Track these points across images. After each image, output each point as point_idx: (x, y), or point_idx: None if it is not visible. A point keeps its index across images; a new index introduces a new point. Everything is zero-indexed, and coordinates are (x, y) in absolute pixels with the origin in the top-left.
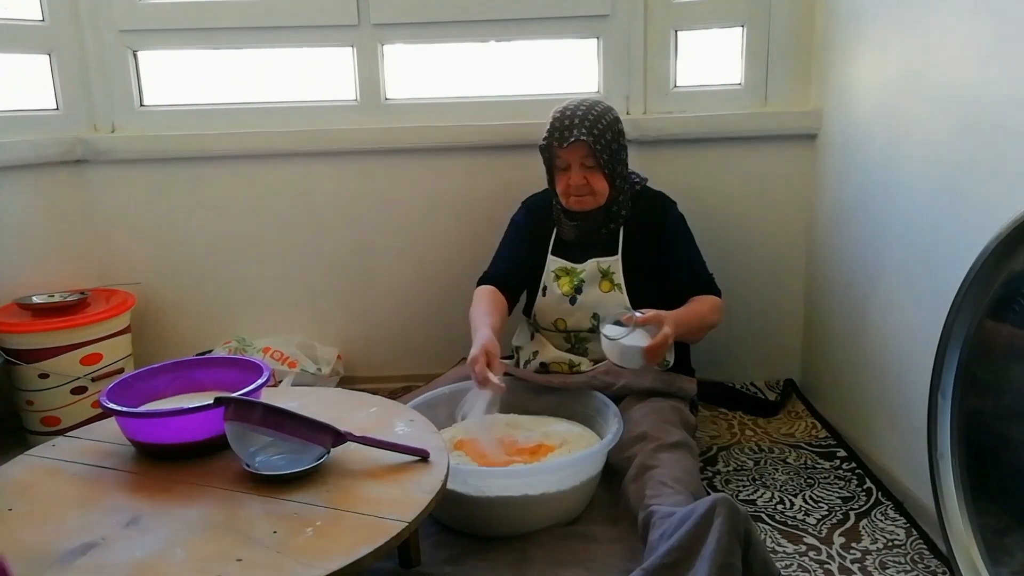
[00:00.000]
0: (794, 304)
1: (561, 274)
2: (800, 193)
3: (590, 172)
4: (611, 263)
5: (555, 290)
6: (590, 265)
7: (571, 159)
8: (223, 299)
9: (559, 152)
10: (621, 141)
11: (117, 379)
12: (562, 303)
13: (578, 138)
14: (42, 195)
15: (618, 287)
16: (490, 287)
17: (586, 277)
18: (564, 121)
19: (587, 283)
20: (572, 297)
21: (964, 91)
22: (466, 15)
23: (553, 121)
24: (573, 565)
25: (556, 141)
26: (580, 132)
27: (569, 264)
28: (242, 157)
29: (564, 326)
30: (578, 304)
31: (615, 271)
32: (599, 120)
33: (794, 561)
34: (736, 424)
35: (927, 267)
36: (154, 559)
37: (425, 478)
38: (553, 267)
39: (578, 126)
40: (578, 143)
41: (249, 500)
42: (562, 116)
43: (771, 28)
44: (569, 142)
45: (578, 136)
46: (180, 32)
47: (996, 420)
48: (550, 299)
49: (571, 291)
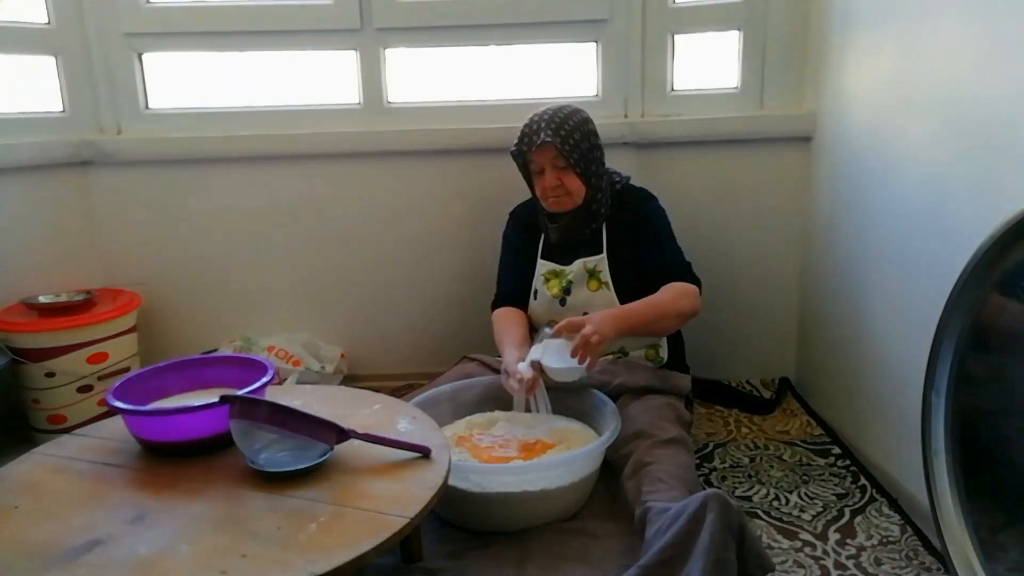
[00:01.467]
0: (789, 303)
1: (550, 276)
2: (795, 194)
3: (563, 173)
4: (597, 262)
5: (545, 293)
6: (577, 266)
7: (542, 161)
8: (228, 299)
9: (530, 156)
10: (593, 140)
11: (123, 378)
12: (552, 305)
13: (544, 140)
14: (48, 196)
15: (605, 285)
16: (506, 308)
17: (574, 278)
18: (532, 126)
19: (575, 284)
20: (562, 298)
21: (957, 94)
22: (467, 20)
23: (523, 128)
24: (572, 560)
25: (525, 146)
26: (546, 134)
27: (557, 267)
28: (246, 159)
29: None
30: (568, 305)
31: (601, 269)
32: (565, 122)
33: (789, 557)
34: (732, 421)
35: (921, 267)
36: (159, 555)
37: (427, 474)
38: (543, 270)
39: (544, 129)
40: (545, 145)
41: (253, 497)
42: (530, 122)
43: (767, 32)
44: (536, 145)
45: (544, 138)
46: (185, 35)
47: (990, 417)
48: (541, 302)
49: (560, 292)
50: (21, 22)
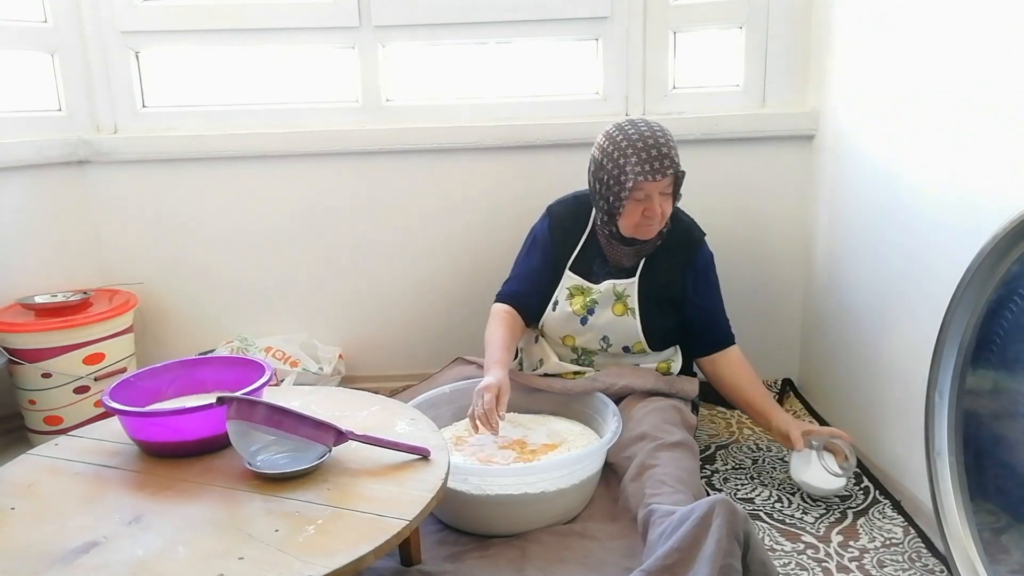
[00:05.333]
0: (792, 304)
1: (575, 292)
2: (798, 193)
3: (665, 200)
4: (627, 286)
5: (566, 307)
6: (606, 286)
7: (654, 190)
8: (225, 299)
9: (643, 184)
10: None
11: (120, 378)
12: (572, 321)
13: (668, 168)
14: (45, 195)
15: (631, 311)
16: (508, 309)
17: (600, 298)
18: (653, 151)
19: (600, 304)
20: (583, 317)
21: (959, 91)
22: (467, 17)
23: (638, 152)
24: (572, 563)
25: (649, 175)
26: (669, 164)
27: (585, 283)
28: (243, 158)
29: (572, 343)
30: (589, 325)
31: (630, 294)
32: (675, 147)
33: (792, 559)
34: (735, 423)
35: (924, 267)
36: (156, 557)
37: (426, 476)
38: (568, 283)
39: (668, 155)
40: (668, 175)
41: (251, 498)
42: (644, 144)
43: (769, 30)
44: (667, 175)
45: (668, 167)
46: (182, 33)
47: (993, 419)
48: (560, 315)
49: (583, 311)
50: (17, 19)
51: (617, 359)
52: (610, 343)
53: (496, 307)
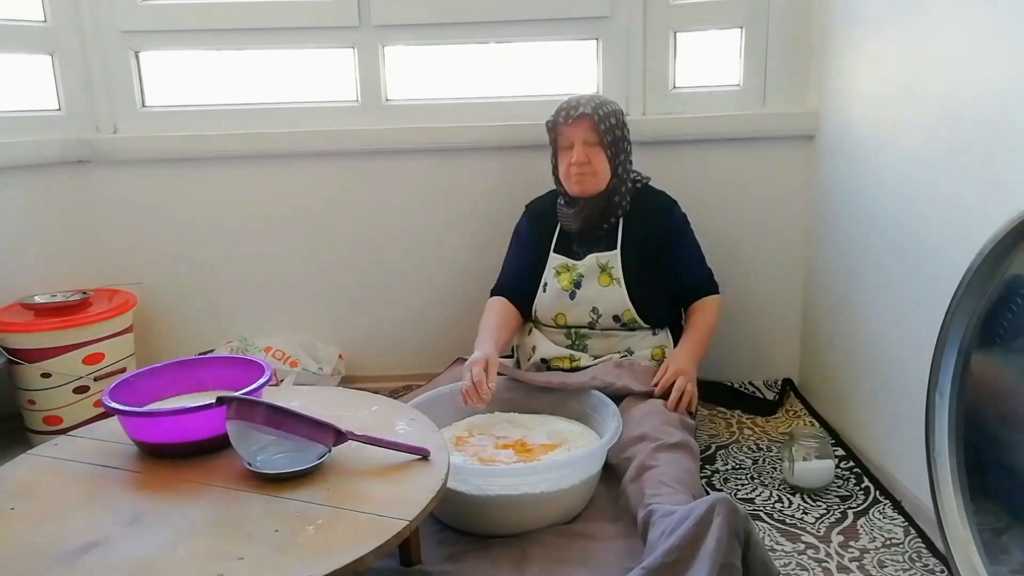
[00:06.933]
0: (792, 304)
1: (561, 270)
2: (798, 193)
3: (592, 150)
4: (610, 257)
5: (555, 286)
6: (589, 260)
7: (574, 136)
8: (225, 299)
9: (563, 129)
10: (625, 132)
11: (119, 378)
12: (561, 298)
13: (583, 113)
14: (44, 196)
15: (617, 281)
16: (502, 299)
17: (585, 272)
18: (572, 101)
19: (586, 277)
20: (572, 292)
21: (960, 92)
22: (466, 17)
23: (561, 103)
24: (573, 563)
25: (562, 117)
26: (585, 108)
27: (570, 261)
28: (243, 158)
29: (564, 321)
30: (577, 299)
31: (614, 265)
32: (605, 104)
33: (792, 560)
34: (735, 423)
35: (925, 267)
36: (156, 558)
37: (426, 477)
38: (554, 264)
39: (584, 104)
40: (583, 117)
41: (251, 499)
42: (570, 99)
43: (769, 29)
44: (574, 116)
45: (583, 111)
46: (182, 33)
47: (993, 419)
48: (550, 294)
49: (570, 286)
50: (17, 20)
51: (609, 337)
52: (599, 314)
53: (489, 300)
